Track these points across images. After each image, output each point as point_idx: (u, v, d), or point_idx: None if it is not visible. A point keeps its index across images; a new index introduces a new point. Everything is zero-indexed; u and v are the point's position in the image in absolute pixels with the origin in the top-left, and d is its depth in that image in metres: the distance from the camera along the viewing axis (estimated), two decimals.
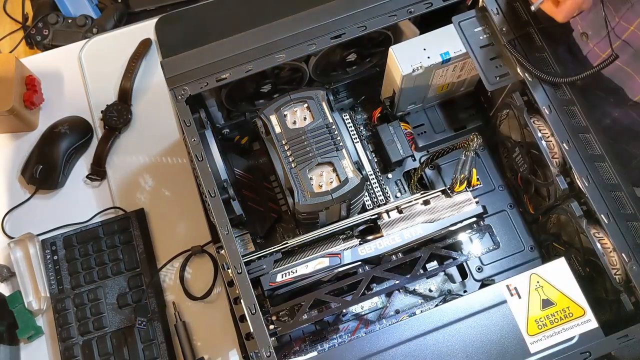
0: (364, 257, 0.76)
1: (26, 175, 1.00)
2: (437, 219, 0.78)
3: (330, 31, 0.76)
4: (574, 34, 0.85)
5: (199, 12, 1.10)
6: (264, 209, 0.91)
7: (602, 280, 0.74)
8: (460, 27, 0.78)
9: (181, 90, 0.74)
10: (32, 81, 1.03)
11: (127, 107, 1.04)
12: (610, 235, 0.70)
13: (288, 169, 0.75)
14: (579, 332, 0.68)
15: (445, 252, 0.79)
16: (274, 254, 0.76)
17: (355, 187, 0.75)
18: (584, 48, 0.83)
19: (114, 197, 1.00)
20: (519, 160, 0.85)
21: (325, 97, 0.78)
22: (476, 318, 0.69)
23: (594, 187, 0.71)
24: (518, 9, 0.77)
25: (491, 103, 0.89)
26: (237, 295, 0.70)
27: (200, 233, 0.95)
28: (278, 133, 0.76)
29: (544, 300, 0.70)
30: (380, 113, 0.91)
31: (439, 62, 0.80)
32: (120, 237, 0.95)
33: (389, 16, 0.76)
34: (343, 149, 0.76)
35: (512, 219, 0.90)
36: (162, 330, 0.90)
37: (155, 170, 1.01)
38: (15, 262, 0.94)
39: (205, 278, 0.94)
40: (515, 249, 0.88)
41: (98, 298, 0.92)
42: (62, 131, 1.00)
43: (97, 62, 1.08)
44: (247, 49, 0.76)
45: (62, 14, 1.41)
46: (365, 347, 0.68)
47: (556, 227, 0.83)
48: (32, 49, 1.46)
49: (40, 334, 0.92)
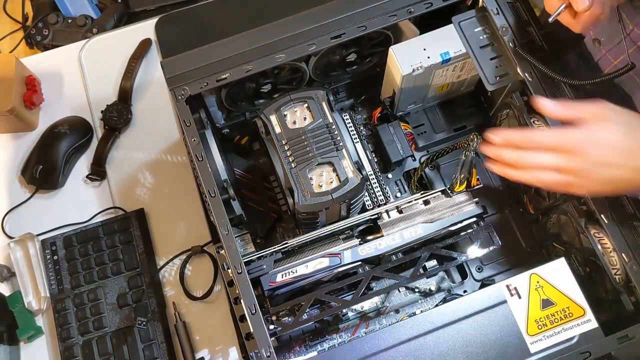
0: (364, 257, 0.76)
1: (26, 175, 1.00)
2: (437, 219, 0.78)
3: (330, 31, 0.76)
4: (585, 40, 0.84)
5: (199, 12, 1.10)
6: (264, 209, 0.91)
7: (602, 280, 0.74)
8: (460, 27, 0.78)
9: (181, 90, 0.74)
10: (32, 81, 1.03)
11: (127, 107, 1.04)
12: (610, 235, 0.70)
13: (288, 169, 0.75)
14: (579, 332, 0.68)
15: (445, 252, 0.79)
16: (274, 254, 0.76)
17: (355, 187, 0.75)
18: (596, 54, 0.82)
19: (114, 197, 1.00)
20: None
21: (325, 97, 0.78)
22: (476, 318, 0.69)
23: None
24: (518, 9, 0.77)
25: (491, 103, 0.89)
26: (237, 295, 0.70)
27: (200, 233, 0.95)
28: (278, 133, 0.76)
29: (544, 300, 0.70)
30: (380, 113, 0.91)
31: (439, 62, 0.80)
32: (120, 237, 0.95)
33: (389, 16, 0.76)
34: (343, 149, 0.76)
35: (512, 219, 0.90)
36: (162, 330, 0.90)
37: (155, 170, 1.01)
38: (15, 262, 0.94)
39: (205, 278, 0.94)
40: (515, 249, 0.88)
41: (98, 298, 0.92)
42: (62, 131, 1.00)
43: (97, 62, 1.08)
44: (247, 49, 0.76)
45: (62, 14, 1.41)
46: (365, 347, 0.68)
47: (556, 227, 0.83)
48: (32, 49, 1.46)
49: (40, 334, 0.92)
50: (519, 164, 0.66)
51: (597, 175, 0.63)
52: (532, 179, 0.66)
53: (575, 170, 0.63)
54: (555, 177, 0.64)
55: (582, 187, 0.65)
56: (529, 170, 0.66)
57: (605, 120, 0.64)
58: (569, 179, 0.64)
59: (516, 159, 0.66)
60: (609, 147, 0.63)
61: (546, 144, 0.65)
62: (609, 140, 0.63)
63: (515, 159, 0.66)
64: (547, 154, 0.64)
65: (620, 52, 0.78)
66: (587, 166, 0.63)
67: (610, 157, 0.63)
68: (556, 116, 0.66)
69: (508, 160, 0.67)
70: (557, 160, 0.64)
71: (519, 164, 0.66)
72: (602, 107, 0.65)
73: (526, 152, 0.65)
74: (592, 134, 0.63)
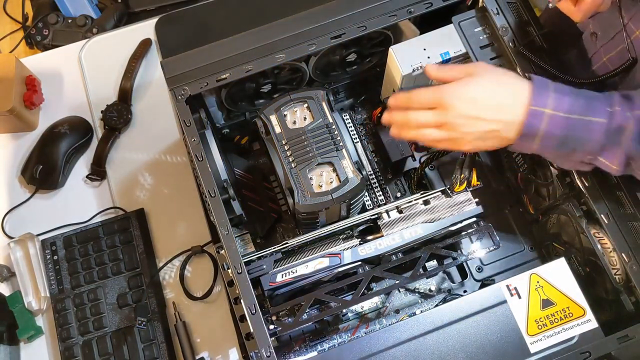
0: (364, 257, 0.76)
1: (26, 175, 1.00)
2: (437, 219, 0.78)
3: (330, 31, 0.76)
4: (583, 35, 0.84)
5: (199, 12, 1.10)
6: (264, 209, 0.91)
7: (602, 280, 0.74)
8: (460, 27, 0.78)
9: (181, 90, 0.74)
10: (32, 81, 1.04)
11: (127, 107, 1.04)
12: (610, 235, 0.70)
13: (288, 169, 0.75)
14: (579, 332, 0.68)
15: (445, 252, 0.79)
16: (274, 254, 0.76)
17: (355, 187, 0.75)
18: (591, 49, 0.82)
19: (114, 197, 1.00)
20: (519, 160, 0.85)
21: (325, 97, 0.78)
22: (476, 318, 0.69)
23: (593, 187, 0.71)
24: (518, 9, 0.77)
25: None
26: (237, 295, 0.70)
27: (200, 233, 0.95)
28: (278, 133, 0.76)
29: (544, 300, 0.70)
30: (380, 113, 0.91)
31: (439, 62, 0.80)
32: (120, 237, 0.95)
33: (389, 16, 0.76)
34: (343, 149, 0.76)
35: (512, 219, 0.90)
36: (162, 330, 0.90)
37: (155, 170, 1.01)
38: (15, 262, 0.94)
39: (205, 278, 0.94)
40: (515, 249, 0.88)
41: (98, 298, 0.92)
42: (62, 131, 1.00)
43: (97, 62, 1.08)
44: (247, 49, 0.76)
45: (62, 14, 1.41)
46: (365, 347, 0.68)
47: (556, 227, 0.83)
48: (32, 49, 1.46)
49: (40, 334, 0.92)
50: (407, 124, 0.70)
51: (469, 128, 0.67)
52: (420, 137, 0.70)
53: (449, 125, 0.67)
54: (436, 133, 0.68)
55: (462, 142, 0.68)
56: (414, 128, 0.69)
57: (475, 76, 0.67)
58: (449, 134, 0.68)
59: (403, 119, 0.70)
60: (475, 101, 0.66)
61: (424, 102, 0.68)
62: (476, 94, 0.66)
63: (402, 119, 0.70)
64: (426, 112, 0.68)
65: (613, 47, 0.78)
66: (458, 120, 0.66)
67: (477, 111, 0.66)
68: (435, 76, 0.70)
69: (398, 121, 0.71)
70: (433, 117, 0.68)
71: (406, 124, 0.70)
72: (474, 65, 0.70)
73: (410, 112, 0.69)
74: (461, 88, 0.67)
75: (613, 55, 0.78)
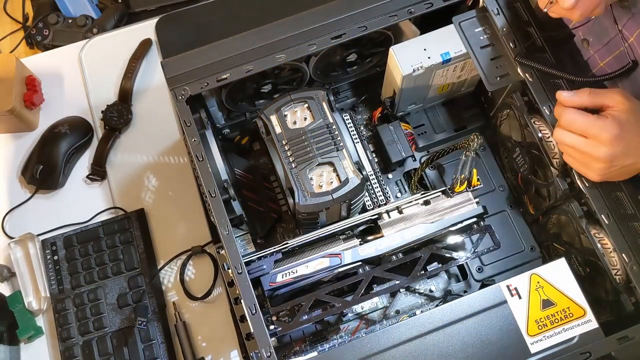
0: (364, 258, 0.76)
1: (26, 175, 1.00)
2: (437, 219, 0.78)
3: (331, 31, 0.76)
4: (575, 39, 0.84)
5: (199, 12, 1.10)
6: (264, 209, 0.91)
7: (602, 280, 0.74)
8: (460, 28, 0.78)
9: (181, 90, 0.74)
10: (32, 81, 1.03)
11: (128, 107, 1.04)
12: (611, 235, 0.70)
13: (288, 169, 0.75)
14: (579, 333, 0.68)
15: (445, 253, 0.79)
16: (274, 254, 0.76)
17: (355, 187, 0.75)
18: (585, 54, 0.83)
19: (114, 197, 1.00)
20: (519, 160, 0.85)
21: (326, 97, 0.78)
22: (476, 318, 0.69)
23: (594, 187, 0.71)
24: (519, 9, 0.77)
25: (491, 103, 0.89)
26: (237, 296, 0.70)
27: (200, 233, 0.95)
28: (278, 133, 0.76)
29: (544, 300, 0.70)
30: (380, 113, 0.91)
31: (440, 63, 0.80)
32: (121, 237, 0.95)
33: (389, 16, 0.76)
34: (343, 149, 0.76)
35: (512, 219, 0.90)
36: (162, 330, 0.90)
37: (155, 170, 1.01)
38: (16, 262, 0.94)
39: (205, 278, 0.94)
40: (516, 249, 0.88)
41: (98, 298, 0.92)
42: (62, 131, 1.00)
43: (98, 62, 1.08)
44: (247, 49, 0.76)
45: (63, 14, 1.41)
46: (365, 347, 0.68)
47: (556, 228, 0.83)
48: (33, 49, 1.46)
49: (40, 334, 0.92)
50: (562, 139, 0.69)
51: (610, 169, 0.67)
52: (563, 151, 0.71)
53: (595, 158, 0.66)
54: (576, 161, 0.69)
55: (595, 175, 0.68)
56: (564, 146, 0.70)
57: (627, 112, 0.66)
58: (588, 164, 0.68)
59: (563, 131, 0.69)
60: (628, 147, 0.65)
61: (578, 129, 0.67)
62: (628, 136, 0.65)
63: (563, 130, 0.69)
64: (579, 138, 0.67)
65: (608, 53, 0.78)
66: (604, 164, 0.66)
67: (626, 158, 0.66)
68: (590, 102, 0.68)
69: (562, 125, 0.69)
70: (585, 147, 0.67)
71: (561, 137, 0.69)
72: (621, 95, 0.67)
73: (566, 132, 0.68)
74: (615, 130, 0.65)
75: (610, 60, 0.78)
